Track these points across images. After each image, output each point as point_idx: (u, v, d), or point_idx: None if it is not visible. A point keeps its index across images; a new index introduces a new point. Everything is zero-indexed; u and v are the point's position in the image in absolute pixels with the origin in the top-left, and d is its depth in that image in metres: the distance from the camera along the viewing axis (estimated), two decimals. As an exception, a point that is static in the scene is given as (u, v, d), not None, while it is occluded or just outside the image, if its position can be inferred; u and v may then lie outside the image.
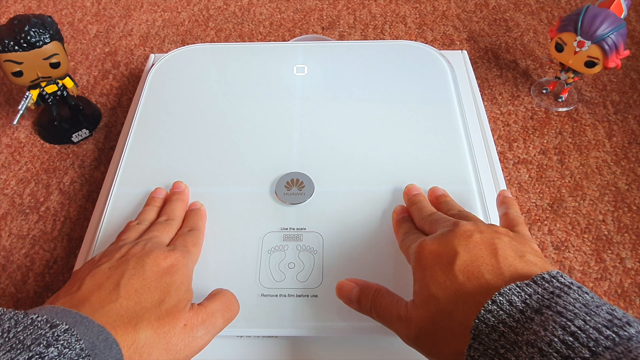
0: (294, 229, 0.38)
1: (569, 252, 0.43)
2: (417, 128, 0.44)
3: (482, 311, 0.24)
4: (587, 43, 0.47)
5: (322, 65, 0.51)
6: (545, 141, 0.51)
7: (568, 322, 0.21)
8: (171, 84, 0.50)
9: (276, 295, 0.35)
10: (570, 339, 0.21)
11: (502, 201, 0.37)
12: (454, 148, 0.43)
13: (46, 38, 0.45)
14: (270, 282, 0.36)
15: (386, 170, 0.41)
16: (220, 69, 0.52)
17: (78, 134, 0.52)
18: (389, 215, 0.38)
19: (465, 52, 0.55)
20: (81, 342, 0.23)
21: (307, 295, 0.35)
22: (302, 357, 0.34)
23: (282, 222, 0.38)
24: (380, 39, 0.64)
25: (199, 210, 0.38)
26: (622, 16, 0.48)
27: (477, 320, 0.24)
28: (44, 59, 0.45)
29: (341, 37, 0.64)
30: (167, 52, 0.53)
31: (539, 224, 0.45)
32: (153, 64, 0.52)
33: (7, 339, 0.22)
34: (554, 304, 0.22)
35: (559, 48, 0.49)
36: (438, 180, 0.40)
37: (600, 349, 0.20)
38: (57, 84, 0.49)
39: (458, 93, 0.47)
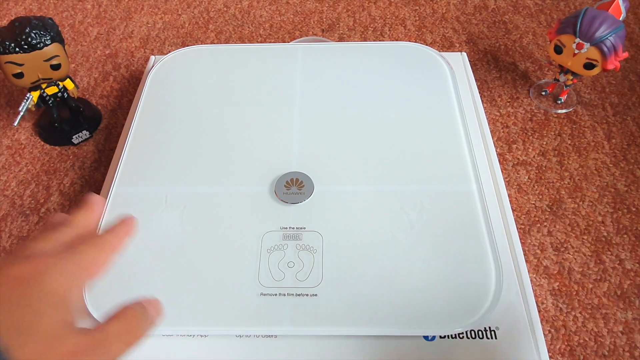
0: (293, 228, 0.38)
1: (568, 253, 0.43)
2: (417, 129, 0.45)
3: None
4: (586, 45, 0.47)
5: (322, 66, 0.51)
6: (544, 143, 0.52)
7: None
8: (171, 85, 0.50)
9: (276, 295, 0.35)
10: None
11: None
12: (453, 148, 0.43)
13: (47, 40, 0.45)
14: (269, 281, 0.36)
15: (385, 171, 0.42)
16: (220, 69, 0.52)
17: (78, 136, 0.53)
18: (388, 214, 0.39)
19: (464, 54, 0.55)
20: None
21: (307, 295, 0.35)
22: (302, 357, 0.34)
23: (282, 221, 0.39)
24: (379, 41, 0.64)
25: (122, 227, 0.31)
26: (620, 18, 0.48)
27: None
28: (44, 61, 0.46)
29: (341, 40, 0.65)
30: (167, 54, 0.54)
31: (539, 225, 0.45)
32: (153, 66, 0.52)
33: None
34: None
35: (558, 50, 0.50)
36: (437, 180, 0.40)
37: None
38: (57, 85, 0.50)
39: (458, 94, 0.47)
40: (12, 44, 0.44)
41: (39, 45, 0.44)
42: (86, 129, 0.53)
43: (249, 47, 0.55)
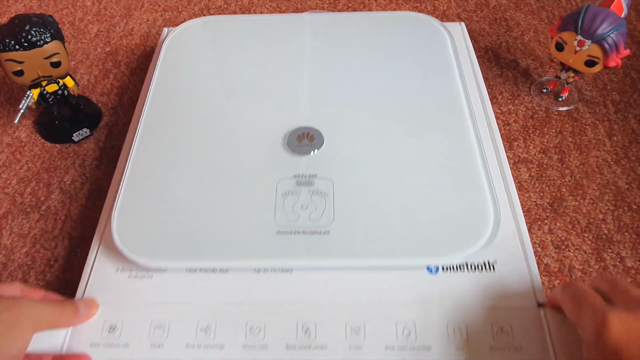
0: (306, 175, 0.42)
1: (569, 251, 0.43)
2: (419, 88, 0.48)
3: None
4: (588, 42, 0.47)
5: (329, 33, 0.55)
6: (545, 140, 0.51)
7: None
8: (185, 52, 0.54)
9: (291, 232, 0.38)
10: None
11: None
12: (453, 106, 0.47)
13: (47, 37, 0.45)
14: (285, 221, 0.39)
15: (389, 126, 0.45)
16: (232, 37, 0.56)
17: (79, 133, 0.53)
18: (392, 162, 0.42)
19: (463, 24, 0.57)
20: None
21: (320, 232, 0.38)
22: (315, 290, 0.37)
23: (295, 170, 0.42)
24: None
25: None
26: (622, 15, 0.48)
27: None
28: (44, 58, 0.46)
29: (341, 37, 0.64)
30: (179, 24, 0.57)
31: (539, 223, 0.45)
32: (167, 36, 0.56)
33: None
34: None
35: (560, 47, 0.49)
36: (438, 133, 0.44)
37: None
38: (58, 83, 0.49)
39: (457, 59, 0.51)
40: (12, 42, 0.43)
41: (39, 43, 0.44)
42: (86, 126, 0.53)
43: (260, 17, 0.58)
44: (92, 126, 0.54)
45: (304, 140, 0.44)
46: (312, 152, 0.43)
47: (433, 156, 0.43)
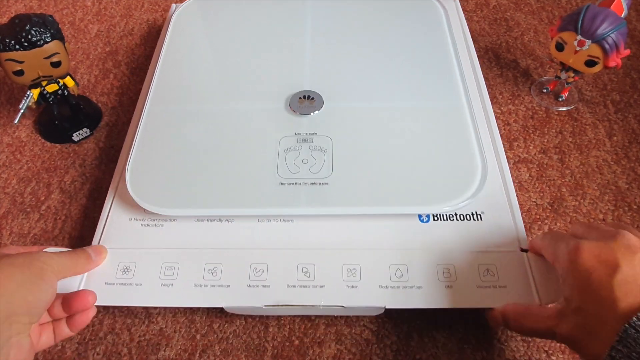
0: (306, 133, 0.45)
1: (569, 251, 0.43)
2: (413, 57, 0.52)
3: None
4: (588, 42, 0.47)
5: (331, 6, 0.58)
6: (545, 140, 0.51)
7: None
8: (194, 24, 0.57)
9: (292, 184, 0.41)
10: None
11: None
12: (445, 70, 0.50)
13: (47, 37, 0.45)
14: (287, 173, 0.42)
15: (385, 90, 0.49)
16: (239, 10, 0.58)
17: (79, 133, 0.52)
18: (388, 123, 0.46)
19: (457, 1, 0.60)
20: None
21: (319, 183, 0.41)
22: (314, 238, 0.39)
23: (297, 128, 0.45)
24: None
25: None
26: (622, 15, 0.48)
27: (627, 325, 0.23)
28: (45, 58, 0.46)
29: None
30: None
31: (539, 222, 0.45)
32: (175, 11, 0.59)
33: None
34: None
35: (560, 47, 0.49)
36: (430, 97, 0.48)
37: None
38: (58, 83, 0.49)
39: (450, 28, 0.55)
40: (12, 41, 0.43)
41: (39, 43, 0.44)
42: (86, 126, 0.53)
43: None
44: (92, 126, 0.54)
45: (305, 102, 0.47)
46: (312, 112, 0.46)
47: (425, 115, 0.46)
